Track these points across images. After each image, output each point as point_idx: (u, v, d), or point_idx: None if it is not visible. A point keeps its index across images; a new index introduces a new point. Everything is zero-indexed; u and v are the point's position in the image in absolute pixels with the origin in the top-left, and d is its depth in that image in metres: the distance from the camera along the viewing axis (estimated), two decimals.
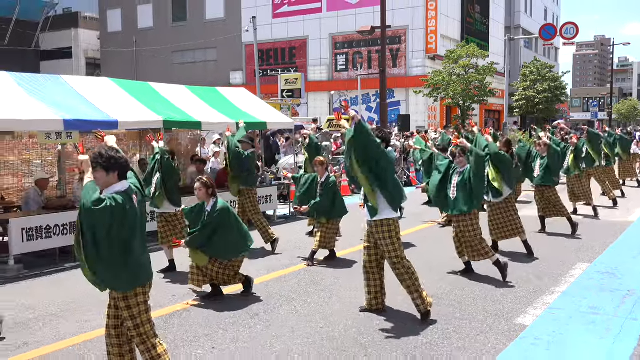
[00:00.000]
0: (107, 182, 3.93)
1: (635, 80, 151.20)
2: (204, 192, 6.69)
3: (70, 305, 6.57)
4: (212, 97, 12.66)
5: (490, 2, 43.43)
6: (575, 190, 12.58)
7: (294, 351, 5.24)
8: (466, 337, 5.56)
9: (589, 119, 67.50)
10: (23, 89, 9.17)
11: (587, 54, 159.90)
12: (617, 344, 5.33)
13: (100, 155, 3.92)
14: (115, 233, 3.83)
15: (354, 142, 5.72)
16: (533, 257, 8.74)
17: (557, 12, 63.29)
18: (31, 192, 9.74)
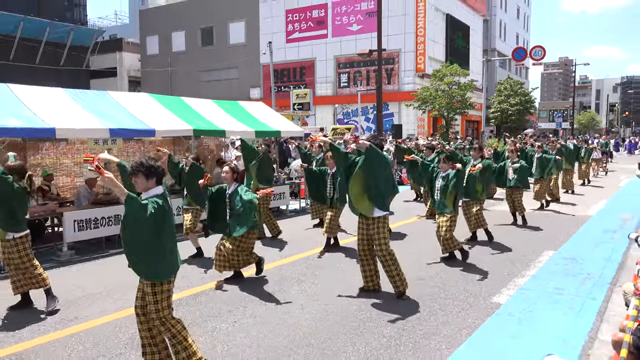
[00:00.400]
0: (146, 186, 3.95)
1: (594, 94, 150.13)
2: (230, 176, 6.62)
3: (114, 286, 6.57)
4: (235, 110, 12.65)
5: (470, 29, 43.25)
6: (542, 190, 12.50)
7: (303, 325, 5.22)
8: (449, 313, 5.53)
9: (554, 128, 67.16)
10: (76, 102, 9.21)
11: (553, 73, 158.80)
12: (578, 320, 5.28)
13: (142, 164, 3.93)
14: (157, 231, 3.83)
15: (365, 164, 5.70)
16: (493, 242, 8.90)
17: (527, 37, 62.90)
18: (82, 190, 9.77)
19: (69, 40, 39.74)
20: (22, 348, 4.73)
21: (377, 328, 5.11)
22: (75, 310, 5.76)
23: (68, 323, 5.35)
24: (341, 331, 5.04)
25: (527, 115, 44.47)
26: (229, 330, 5.09)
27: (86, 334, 5.05)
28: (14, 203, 5.47)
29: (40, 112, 8.28)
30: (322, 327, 5.16)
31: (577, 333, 4.93)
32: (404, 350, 4.60)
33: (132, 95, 11.40)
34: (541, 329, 5.06)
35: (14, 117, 7.83)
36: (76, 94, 9.60)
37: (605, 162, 24.86)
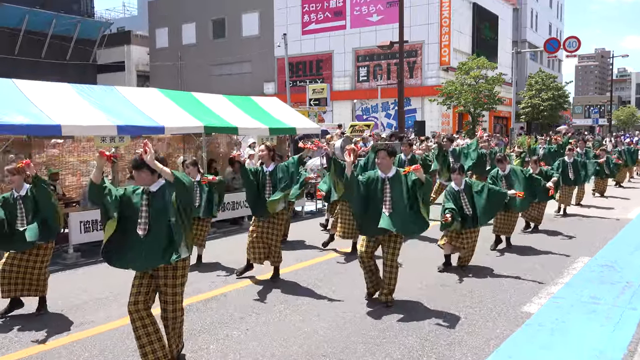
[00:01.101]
0: (152, 179, 4.26)
1: (634, 89, 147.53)
2: (267, 154, 6.90)
3: (121, 290, 6.62)
4: (248, 105, 12.71)
5: (498, 18, 42.85)
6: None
7: (319, 333, 5.23)
8: (476, 323, 5.48)
9: (591, 124, 66.19)
10: (83, 98, 9.34)
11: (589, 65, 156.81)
12: (616, 332, 5.20)
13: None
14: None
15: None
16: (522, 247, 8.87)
17: (560, 27, 62.09)
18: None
19: (76, 34, 40.36)
20: (27, 354, 4.81)
21: (398, 338, 5.09)
22: (81, 315, 5.84)
23: (74, 329, 5.43)
24: (359, 341, 5.03)
25: (561, 111, 43.97)
26: (241, 338, 5.12)
27: (92, 340, 5.12)
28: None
29: (45, 109, 8.42)
30: (339, 336, 5.15)
31: (614, 346, 4.85)
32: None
33: (141, 90, 11.54)
34: (575, 340, 4.99)
35: (19, 113, 7.97)
36: (83, 89, 9.73)
37: None
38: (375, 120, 33.14)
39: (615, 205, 13.80)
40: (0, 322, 5.65)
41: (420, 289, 6.63)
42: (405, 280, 6.65)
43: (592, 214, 12.44)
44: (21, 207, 5.77)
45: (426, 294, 6.44)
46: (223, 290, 6.66)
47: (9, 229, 5.72)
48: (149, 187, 4.27)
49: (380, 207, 5.78)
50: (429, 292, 6.50)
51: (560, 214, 12.10)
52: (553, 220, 11.38)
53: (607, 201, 14.47)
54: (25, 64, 35.79)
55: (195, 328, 5.37)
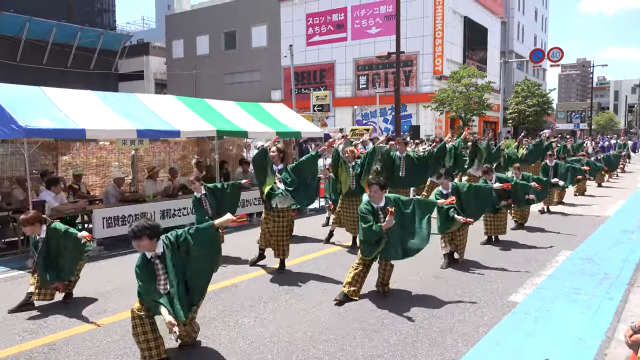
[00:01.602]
0: (152, 247, 4.08)
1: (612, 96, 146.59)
2: (277, 155, 6.97)
3: None
4: (257, 111, 12.72)
5: (488, 31, 42.76)
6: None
7: (322, 321, 5.23)
8: (466, 311, 5.48)
9: (572, 128, 65.94)
10: (105, 104, 9.36)
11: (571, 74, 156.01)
12: (595, 319, 5.19)
13: (146, 227, 4.03)
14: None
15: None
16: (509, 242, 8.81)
17: (545, 39, 61.88)
18: (110, 188, 9.92)
19: (99, 45, 40.48)
20: (54, 339, 4.83)
21: (394, 325, 5.09)
22: (104, 303, 5.87)
23: (97, 316, 5.45)
24: (359, 327, 5.04)
25: (545, 116, 43.82)
26: (250, 325, 5.13)
27: (114, 326, 5.14)
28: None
29: (71, 114, 8.45)
30: (341, 323, 5.16)
31: (594, 333, 4.84)
32: (420, 347, 4.58)
33: (158, 97, 11.54)
34: (557, 328, 4.98)
35: (47, 118, 8.00)
36: (105, 96, 9.75)
37: (623, 163, 24.32)
38: (373, 125, 33.11)
39: (595, 203, 13.77)
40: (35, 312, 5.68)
41: (415, 280, 6.63)
42: (401, 272, 6.65)
43: (573, 211, 12.41)
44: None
45: (420, 285, 6.44)
46: (234, 281, 6.67)
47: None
48: (154, 252, 4.12)
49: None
50: (423, 284, 6.50)
51: (545, 212, 12.04)
52: (537, 217, 11.35)
53: (587, 200, 14.45)
54: (52, 73, 35.93)
55: (208, 316, 5.39)
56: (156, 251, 4.10)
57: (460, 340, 4.71)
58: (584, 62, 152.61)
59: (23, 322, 5.27)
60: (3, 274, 7.22)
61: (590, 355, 4.37)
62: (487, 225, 8.73)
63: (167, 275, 4.06)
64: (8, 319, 5.37)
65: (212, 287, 6.34)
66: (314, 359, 4.33)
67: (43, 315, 5.49)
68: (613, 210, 12.58)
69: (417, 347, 4.58)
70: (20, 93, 8.45)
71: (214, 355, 4.42)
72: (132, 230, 4.00)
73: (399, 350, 4.51)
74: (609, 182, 19.33)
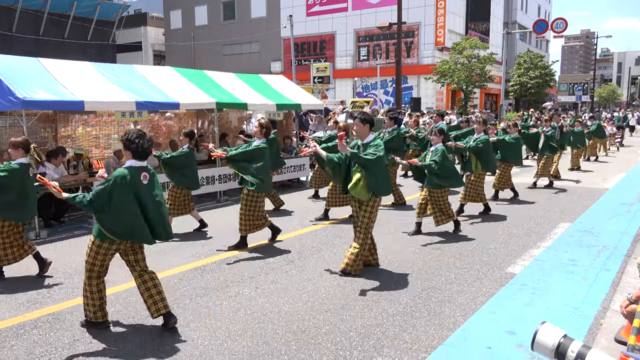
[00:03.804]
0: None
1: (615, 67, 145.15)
2: (259, 131, 6.91)
3: None
4: (256, 83, 12.61)
5: (491, 1, 42.03)
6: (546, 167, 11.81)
7: (322, 291, 5.30)
8: (464, 282, 5.55)
9: (574, 101, 65.52)
10: (103, 76, 9.27)
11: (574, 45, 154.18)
12: (592, 290, 5.25)
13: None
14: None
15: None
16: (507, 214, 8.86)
17: (549, 9, 60.86)
18: (111, 161, 9.92)
19: (96, 15, 39.81)
20: (58, 309, 4.91)
21: (393, 296, 5.16)
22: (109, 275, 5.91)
23: None
24: (358, 298, 5.11)
25: (547, 89, 43.51)
26: (251, 296, 5.20)
27: (116, 297, 5.21)
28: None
29: (69, 86, 8.38)
30: (340, 294, 5.23)
31: (590, 303, 4.91)
32: (419, 317, 4.65)
33: (157, 68, 11.42)
34: (554, 298, 5.05)
35: (45, 90, 7.94)
36: (103, 67, 9.65)
37: (620, 137, 24.14)
38: (374, 97, 32.85)
39: (594, 176, 13.79)
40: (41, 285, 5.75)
41: (414, 252, 6.69)
42: (400, 244, 6.71)
43: (573, 184, 12.43)
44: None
45: (420, 257, 6.50)
46: (234, 253, 6.73)
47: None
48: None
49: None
50: (423, 255, 6.56)
51: (534, 187, 11.72)
52: (535, 190, 11.39)
53: (587, 173, 14.46)
54: (49, 44, 35.46)
55: (209, 286, 5.46)
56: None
57: (458, 311, 4.78)
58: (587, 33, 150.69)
59: (27, 293, 5.34)
60: None
61: (586, 324, 4.45)
62: (465, 191, 8.87)
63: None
64: (12, 290, 5.44)
65: (214, 259, 6.42)
66: (313, 328, 4.40)
67: (47, 286, 5.56)
68: (613, 182, 12.60)
69: (415, 317, 4.65)
70: (17, 64, 8.36)
71: (215, 324, 4.50)
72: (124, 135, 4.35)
73: (398, 320, 4.58)
74: (607, 157, 19.32)
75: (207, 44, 43.38)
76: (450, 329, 4.38)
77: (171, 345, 4.12)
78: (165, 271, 5.88)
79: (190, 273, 5.93)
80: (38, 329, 4.45)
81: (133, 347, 4.09)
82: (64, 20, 37.67)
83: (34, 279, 5.77)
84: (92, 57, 33.74)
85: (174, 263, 6.27)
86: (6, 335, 4.33)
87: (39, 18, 36.27)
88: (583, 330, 4.34)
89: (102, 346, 4.11)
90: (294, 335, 4.27)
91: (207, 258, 6.50)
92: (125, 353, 4.00)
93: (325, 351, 3.99)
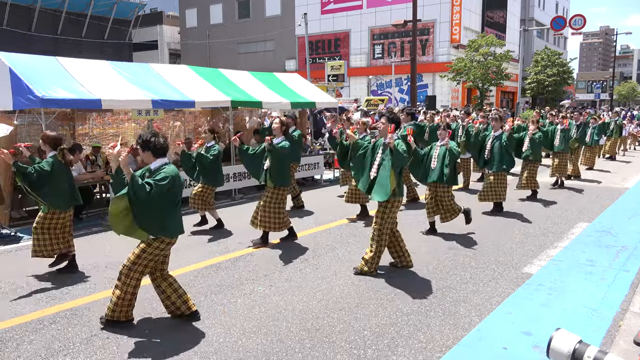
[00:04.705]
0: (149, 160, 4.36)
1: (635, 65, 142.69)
2: (279, 127, 6.93)
3: None
4: (271, 81, 12.64)
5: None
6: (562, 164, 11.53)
7: (336, 289, 5.30)
8: (480, 282, 5.51)
9: (593, 99, 64.54)
10: (120, 75, 9.38)
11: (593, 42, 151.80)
12: (610, 292, 5.18)
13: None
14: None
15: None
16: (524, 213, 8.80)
17: (566, 6, 59.93)
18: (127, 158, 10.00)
19: (112, 14, 40.23)
20: (76, 304, 4.98)
21: (408, 295, 5.14)
22: None
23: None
24: (373, 297, 5.10)
25: (565, 87, 42.89)
26: (265, 293, 5.22)
27: None
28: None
29: (86, 84, 8.48)
30: (355, 292, 5.23)
31: (608, 304, 4.85)
32: (434, 317, 4.63)
33: (172, 67, 11.51)
34: (571, 299, 4.99)
35: (63, 88, 8.05)
36: (120, 66, 9.76)
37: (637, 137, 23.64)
38: (389, 95, 32.77)
39: (613, 175, 13.57)
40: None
41: (429, 251, 6.66)
42: (415, 243, 6.69)
43: (591, 184, 12.25)
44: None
45: (435, 256, 6.47)
46: (250, 250, 6.77)
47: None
48: (149, 165, 4.35)
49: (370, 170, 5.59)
50: (437, 255, 6.53)
51: (556, 186, 11.62)
52: (553, 189, 11.25)
53: (606, 172, 14.23)
54: (67, 43, 35.92)
55: (224, 284, 5.49)
56: (151, 166, 4.33)
57: (473, 311, 4.74)
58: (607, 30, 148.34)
59: (46, 289, 5.43)
60: (25, 241, 7.40)
61: (604, 326, 4.39)
62: (485, 189, 8.84)
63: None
64: (32, 286, 5.54)
65: (229, 256, 6.46)
66: (327, 327, 4.41)
67: (64, 283, 5.64)
68: (633, 182, 12.40)
69: (430, 317, 4.63)
70: (36, 63, 8.49)
71: (230, 322, 4.53)
72: (140, 136, 4.34)
73: (412, 319, 4.57)
74: (625, 156, 19.02)
75: (222, 42, 43.58)
76: (465, 329, 4.36)
77: (186, 342, 4.16)
78: (180, 268, 5.94)
79: (205, 270, 5.97)
80: (56, 324, 4.52)
81: (149, 343, 4.14)
82: (81, 20, 38.14)
83: (53, 275, 5.86)
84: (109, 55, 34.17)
85: (190, 260, 6.33)
86: (26, 330, 4.41)
87: (57, 17, 36.77)
88: (601, 332, 4.28)
89: (118, 342, 4.17)
90: (308, 334, 4.28)
91: (222, 255, 6.54)
92: (140, 349, 4.05)
93: (339, 350, 3.99)
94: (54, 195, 5.64)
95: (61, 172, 5.72)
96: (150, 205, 4.05)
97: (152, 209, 4.08)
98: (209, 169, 7.75)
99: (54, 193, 5.63)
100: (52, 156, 5.71)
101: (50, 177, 5.57)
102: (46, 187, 5.58)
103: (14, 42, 29.50)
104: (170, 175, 4.13)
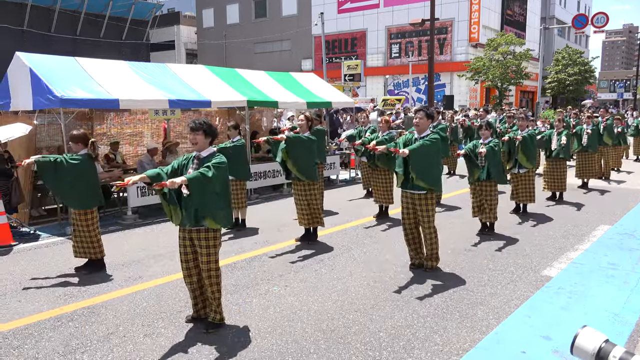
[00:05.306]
0: (205, 145, 4.30)
1: None
2: (305, 124, 6.99)
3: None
4: (287, 81, 12.67)
5: None
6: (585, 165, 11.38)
7: (351, 290, 5.29)
8: (498, 285, 5.45)
9: (615, 98, 63.37)
10: (137, 75, 9.48)
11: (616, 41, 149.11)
12: (633, 296, 5.08)
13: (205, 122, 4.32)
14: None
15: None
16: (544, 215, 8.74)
17: (589, 3, 58.96)
18: (144, 158, 10.12)
19: (130, 15, 40.71)
20: (93, 303, 5.05)
21: (424, 297, 5.11)
22: (140, 269, 6.07)
23: (133, 282, 5.65)
24: (389, 298, 5.08)
25: (586, 86, 42.23)
26: (280, 294, 5.23)
27: (149, 292, 5.32)
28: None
29: (105, 84, 8.60)
30: (370, 294, 5.21)
31: (631, 309, 4.75)
32: (451, 319, 4.59)
33: (189, 67, 11.60)
34: (592, 303, 4.91)
35: (82, 88, 8.17)
36: (137, 66, 9.86)
37: None
38: (406, 95, 32.59)
39: (637, 177, 13.31)
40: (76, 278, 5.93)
41: (447, 253, 6.61)
42: None
43: (614, 185, 12.05)
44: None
45: (452, 258, 6.42)
46: (265, 250, 6.79)
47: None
48: (200, 152, 4.30)
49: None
50: (455, 257, 6.47)
51: (583, 189, 11.45)
52: (575, 191, 11.08)
53: (630, 174, 13.97)
54: (86, 43, 36.44)
55: (239, 284, 5.52)
56: (202, 153, 4.29)
57: (491, 314, 4.69)
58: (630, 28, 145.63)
59: (65, 287, 5.52)
60: (44, 239, 7.53)
61: (627, 331, 4.30)
62: (513, 189, 8.81)
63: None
64: (51, 284, 5.63)
65: (244, 256, 6.49)
66: (343, 328, 4.40)
67: (82, 281, 5.73)
68: None
69: (447, 319, 4.60)
70: (55, 64, 8.63)
71: (245, 322, 4.54)
72: (193, 121, 4.29)
73: (429, 322, 4.53)
74: None
75: (239, 42, 43.82)
76: (482, 332, 4.31)
77: (201, 341, 4.19)
78: None
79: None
80: (74, 322, 4.59)
81: (164, 342, 4.17)
82: (100, 20, 38.65)
83: (71, 274, 5.95)
84: (126, 56, 34.54)
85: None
86: (44, 327, 4.48)
87: (76, 18, 37.31)
88: (623, 337, 4.20)
89: (135, 340, 4.21)
90: (323, 334, 4.28)
91: (237, 255, 6.58)
92: (156, 347, 4.08)
93: (355, 351, 3.98)
94: (85, 193, 5.74)
95: (92, 168, 5.83)
96: (216, 188, 4.07)
97: (219, 194, 4.11)
98: (236, 160, 7.74)
99: (85, 190, 5.73)
100: (83, 154, 5.80)
101: (81, 171, 5.67)
102: (80, 181, 5.66)
103: (34, 43, 30.01)
104: (224, 160, 4.20)
